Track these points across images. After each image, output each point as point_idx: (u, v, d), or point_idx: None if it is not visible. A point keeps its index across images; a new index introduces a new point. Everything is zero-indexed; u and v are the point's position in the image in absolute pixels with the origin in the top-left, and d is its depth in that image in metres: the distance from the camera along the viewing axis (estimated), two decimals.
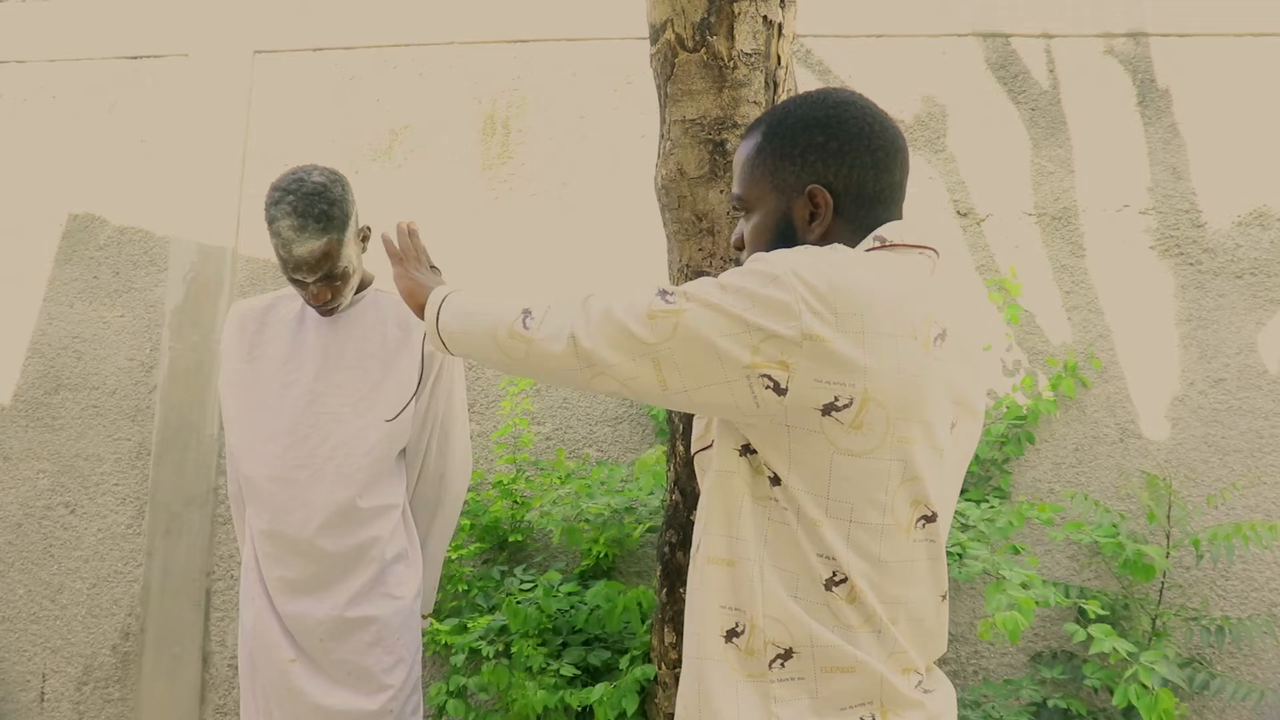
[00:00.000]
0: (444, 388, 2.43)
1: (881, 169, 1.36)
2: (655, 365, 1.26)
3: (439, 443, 2.45)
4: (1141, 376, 3.28)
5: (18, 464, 3.86)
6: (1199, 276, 3.31)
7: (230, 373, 2.42)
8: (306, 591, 2.31)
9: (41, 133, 4.05)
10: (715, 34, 2.03)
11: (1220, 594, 3.15)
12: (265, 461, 2.33)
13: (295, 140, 3.85)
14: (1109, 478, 3.25)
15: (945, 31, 3.54)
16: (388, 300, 2.42)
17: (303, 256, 2.19)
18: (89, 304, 3.91)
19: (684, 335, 1.23)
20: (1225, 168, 3.35)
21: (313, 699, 2.28)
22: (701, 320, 1.23)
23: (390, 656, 2.32)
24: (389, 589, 2.34)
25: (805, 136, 1.35)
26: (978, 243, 3.42)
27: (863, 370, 1.20)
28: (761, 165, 1.38)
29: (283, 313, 2.43)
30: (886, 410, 1.21)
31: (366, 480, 2.32)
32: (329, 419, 2.33)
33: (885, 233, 1.34)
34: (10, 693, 3.75)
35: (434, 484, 2.48)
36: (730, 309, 1.22)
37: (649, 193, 2.58)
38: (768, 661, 1.25)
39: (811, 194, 1.34)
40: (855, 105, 1.38)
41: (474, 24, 3.81)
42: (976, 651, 3.22)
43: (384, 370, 2.36)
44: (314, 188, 2.19)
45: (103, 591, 3.75)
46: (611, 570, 3.32)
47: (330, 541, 2.30)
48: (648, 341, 1.26)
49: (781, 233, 1.37)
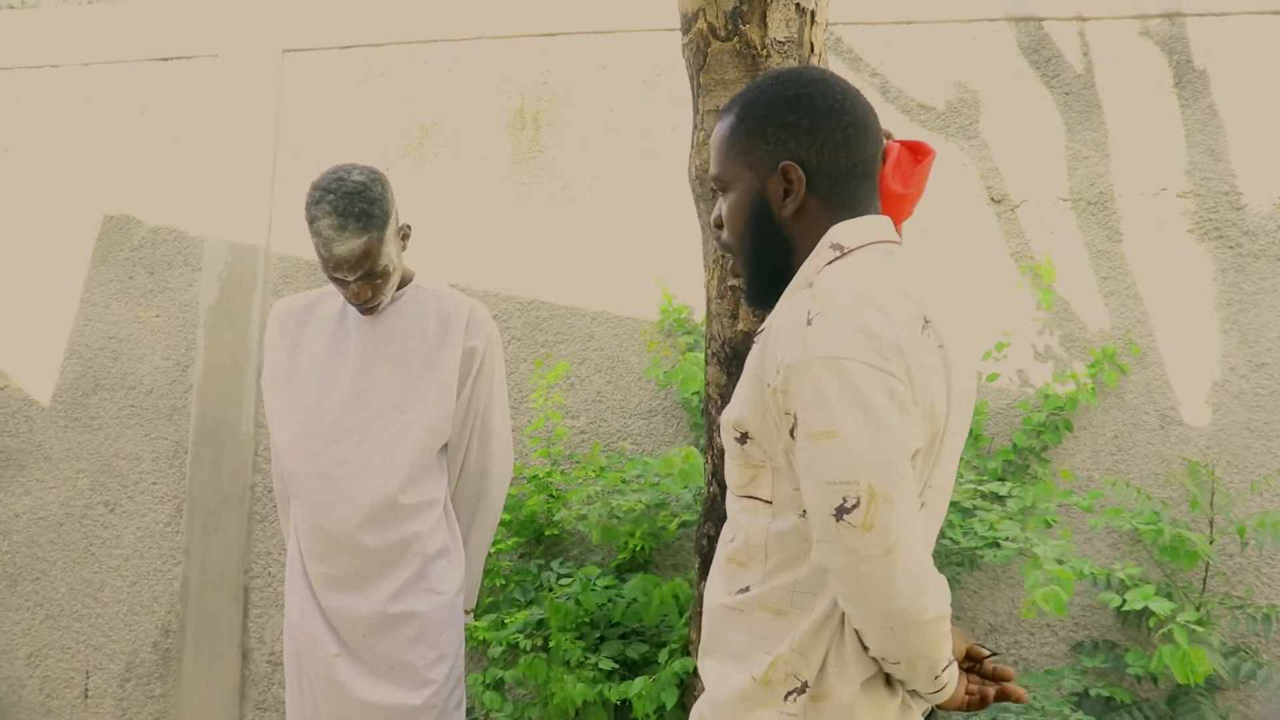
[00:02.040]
0: (485, 384, 2.43)
1: (853, 144, 1.37)
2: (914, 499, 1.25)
3: (480, 438, 2.45)
4: (1181, 362, 3.24)
5: (58, 464, 3.90)
6: (1239, 259, 3.26)
7: (273, 369, 2.43)
8: (349, 587, 2.33)
9: (75, 135, 4.09)
10: (748, 23, 2.01)
11: (1266, 582, 3.10)
12: (307, 458, 2.35)
13: (326, 138, 3.86)
14: (1149, 465, 3.21)
15: (977, 16, 3.50)
16: (429, 296, 2.42)
17: (343, 255, 2.20)
18: (125, 304, 3.95)
19: (885, 497, 1.19)
20: (1265, 148, 3.29)
21: (357, 694, 2.30)
22: (884, 475, 1.20)
23: (433, 651, 2.33)
24: (431, 584, 2.35)
25: (777, 115, 1.38)
26: (1012, 229, 3.39)
27: (910, 389, 1.26)
28: (736, 145, 1.41)
29: (325, 310, 2.44)
30: (922, 408, 1.27)
31: (408, 476, 2.33)
32: (371, 416, 2.34)
33: (840, 238, 1.36)
34: (55, 690, 3.80)
35: (476, 480, 2.48)
36: (888, 436, 1.21)
37: (680, 185, 2.56)
38: (783, 694, 1.29)
39: (785, 170, 1.37)
40: (825, 83, 1.40)
41: (503, 18, 3.81)
42: (1017, 641, 3.19)
43: (425, 366, 2.37)
44: (354, 187, 2.20)
45: (143, 589, 3.78)
46: (648, 563, 3.32)
47: (372, 537, 2.31)
48: (892, 530, 1.20)
49: (757, 210, 1.40)
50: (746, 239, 1.42)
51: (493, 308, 3.66)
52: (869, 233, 1.37)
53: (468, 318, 2.40)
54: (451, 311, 2.40)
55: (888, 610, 1.20)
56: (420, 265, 3.72)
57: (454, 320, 2.39)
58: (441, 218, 3.73)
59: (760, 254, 1.42)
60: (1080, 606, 3.16)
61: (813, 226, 1.38)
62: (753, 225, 1.41)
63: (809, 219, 1.38)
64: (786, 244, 1.40)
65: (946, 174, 3.39)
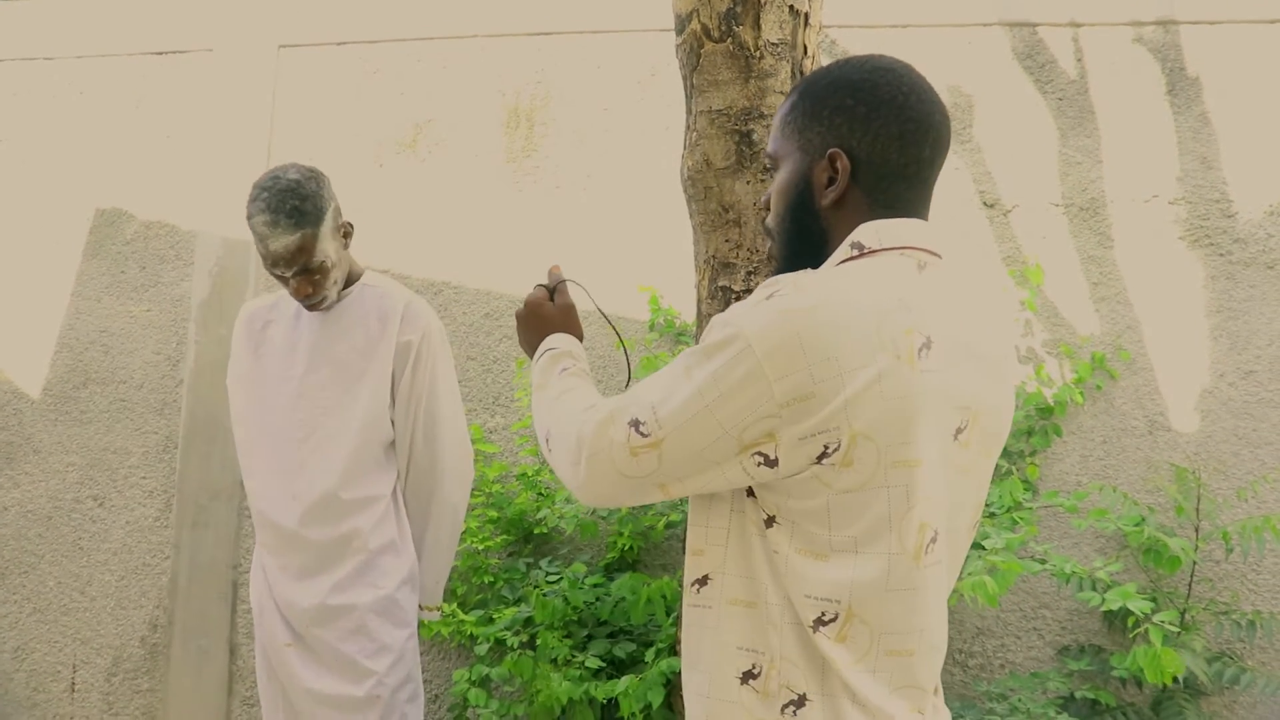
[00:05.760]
0: (424, 376, 2.45)
1: (908, 142, 1.30)
2: (660, 488, 1.27)
3: (425, 432, 2.46)
4: (1171, 368, 3.25)
5: (47, 457, 3.89)
6: (1229, 267, 3.28)
7: (237, 370, 2.52)
8: (296, 579, 2.40)
9: (69, 128, 4.08)
10: (741, 24, 2.02)
11: (1252, 588, 3.12)
12: (263, 455, 2.44)
13: (319, 134, 3.86)
14: (1137, 470, 3.22)
15: (971, 21, 3.51)
16: (372, 293, 2.47)
17: (278, 251, 2.27)
18: (116, 298, 3.94)
19: (671, 459, 1.22)
20: (1256, 157, 3.31)
21: (305, 683, 2.38)
22: (682, 440, 1.21)
23: (372, 644, 2.37)
24: (373, 579, 2.39)
25: (835, 98, 1.31)
26: (1004, 234, 3.40)
27: (844, 413, 1.16)
28: (792, 123, 1.34)
29: (284, 310, 2.51)
30: (876, 442, 1.17)
31: (347, 471, 2.39)
32: (317, 413, 2.41)
33: (862, 237, 1.28)
34: (42, 683, 3.79)
35: (425, 474, 2.48)
36: (704, 414, 1.19)
37: (674, 185, 2.57)
38: (780, 706, 1.21)
39: (831, 157, 1.29)
40: (893, 73, 1.32)
41: (497, 17, 3.81)
42: (1003, 644, 3.20)
43: (365, 362, 2.42)
44: (287, 184, 2.27)
45: (131, 584, 3.78)
46: (636, 563, 3.32)
47: (314, 532, 2.38)
48: (640, 476, 1.25)
49: (800, 193, 1.33)
50: (785, 223, 1.36)
51: (485, 305, 3.66)
52: (899, 236, 1.28)
53: (402, 311, 2.43)
54: (389, 306, 2.44)
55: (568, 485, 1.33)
56: (413, 262, 3.74)
57: (391, 314, 2.43)
58: (434, 215, 3.73)
59: (795, 241, 1.35)
60: (1067, 610, 3.17)
61: (849, 220, 1.30)
62: (793, 210, 1.34)
63: (848, 212, 1.30)
64: (822, 234, 1.32)
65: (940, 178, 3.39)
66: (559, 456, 1.35)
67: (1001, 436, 1.34)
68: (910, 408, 1.18)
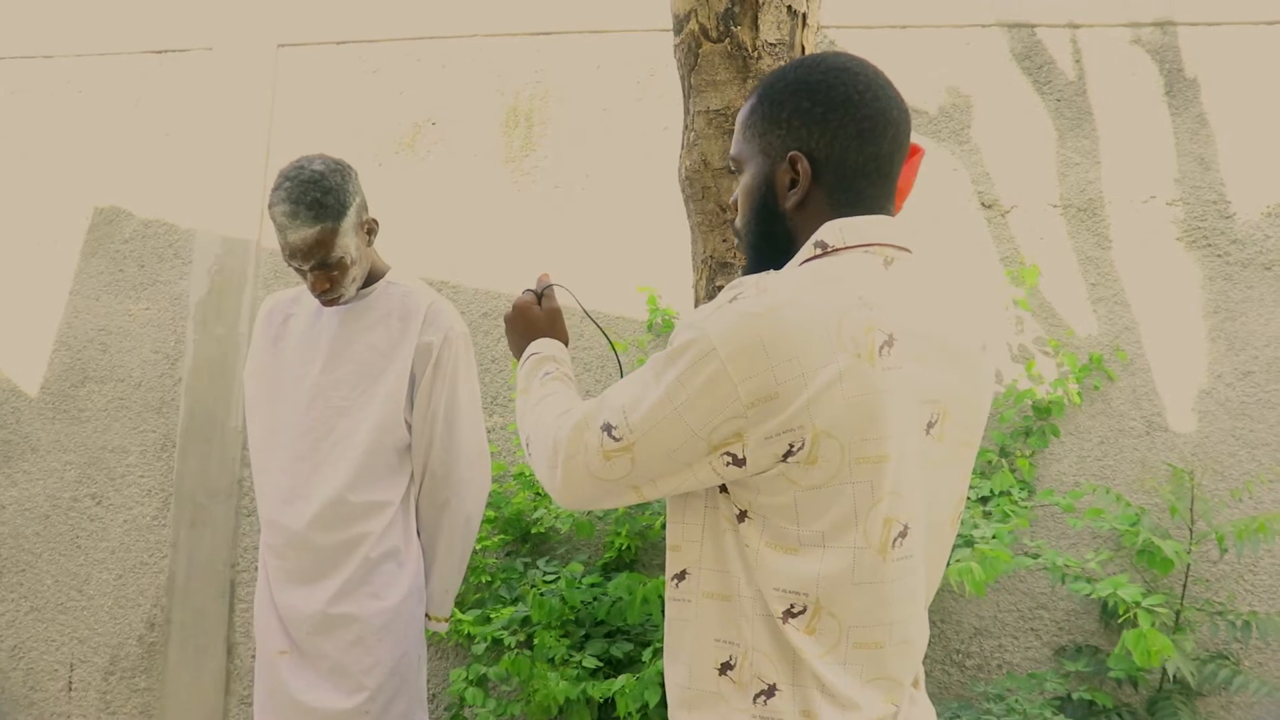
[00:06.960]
0: (445, 381, 2.36)
1: (867, 139, 1.30)
2: (634, 490, 1.30)
3: (442, 439, 2.37)
4: (1168, 369, 3.26)
5: (45, 456, 3.89)
6: (1227, 268, 3.28)
7: (254, 363, 2.45)
8: (299, 583, 2.33)
9: (68, 127, 4.08)
10: (739, 24, 2.02)
11: (1247, 589, 3.12)
12: (275, 452, 2.37)
13: (319, 133, 3.86)
14: (1134, 471, 3.23)
15: (969, 22, 3.51)
16: (396, 292, 2.40)
17: (296, 243, 2.22)
18: (115, 297, 3.94)
19: (643, 462, 1.26)
20: (1254, 158, 3.31)
21: (292, 694, 2.30)
22: (652, 443, 1.24)
23: (369, 658, 2.29)
24: (374, 589, 2.31)
25: (792, 101, 1.32)
26: (1002, 234, 3.40)
27: (807, 412, 1.18)
28: (752, 127, 1.36)
29: (306, 304, 2.44)
30: (839, 440, 1.19)
31: (357, 474, 2.31)
32: (331, 413, 2.34)
33: (826, 236, 1.29)
34: (39, 682, 3.79)
35: (440, 482, 2.39)
36: (673, 418, 1.22)
37: (672, 185, 2.57)
38: (752, 696, 1.24)
39: (792, 160, 1.31)
40: (848, 71, 1.32)
41: (497, 16, 3.81)
42: (1001, 645, 3.20)
43: (385, 363, 2.35)
44: (310, 176, 2.22)
45: (129, 582, 3.78)
46: (634, 563, 3.32)
47: (321, 535, 2.31)
48: (613, 479, 1.28)
49: (764, 196, 1.35)
50: (751, 225, 1.37)
51: (483, 305, 3.67)
52: (863, 234, 1.29)
53: (425, 312, 2.36)
54: (412, 306, 2.37)
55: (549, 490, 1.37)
56: (412, 261, 3.74)
57: (413, 315, 2.36)
58: (433, 215, 3.73)
59: (761, 243, 1.37)
60: (1064, 611, 3.17)
61: (814, 220, 1.31)
62: (758, 212, 1.36)
63: (812, 212, 1.32)
64: (788, 235, 1.34)
65: (939, 178, 3.40)
66: (537, 460, 1.38)
67: (979, 427, 1.36)
68: (873, 405, 1.20)
